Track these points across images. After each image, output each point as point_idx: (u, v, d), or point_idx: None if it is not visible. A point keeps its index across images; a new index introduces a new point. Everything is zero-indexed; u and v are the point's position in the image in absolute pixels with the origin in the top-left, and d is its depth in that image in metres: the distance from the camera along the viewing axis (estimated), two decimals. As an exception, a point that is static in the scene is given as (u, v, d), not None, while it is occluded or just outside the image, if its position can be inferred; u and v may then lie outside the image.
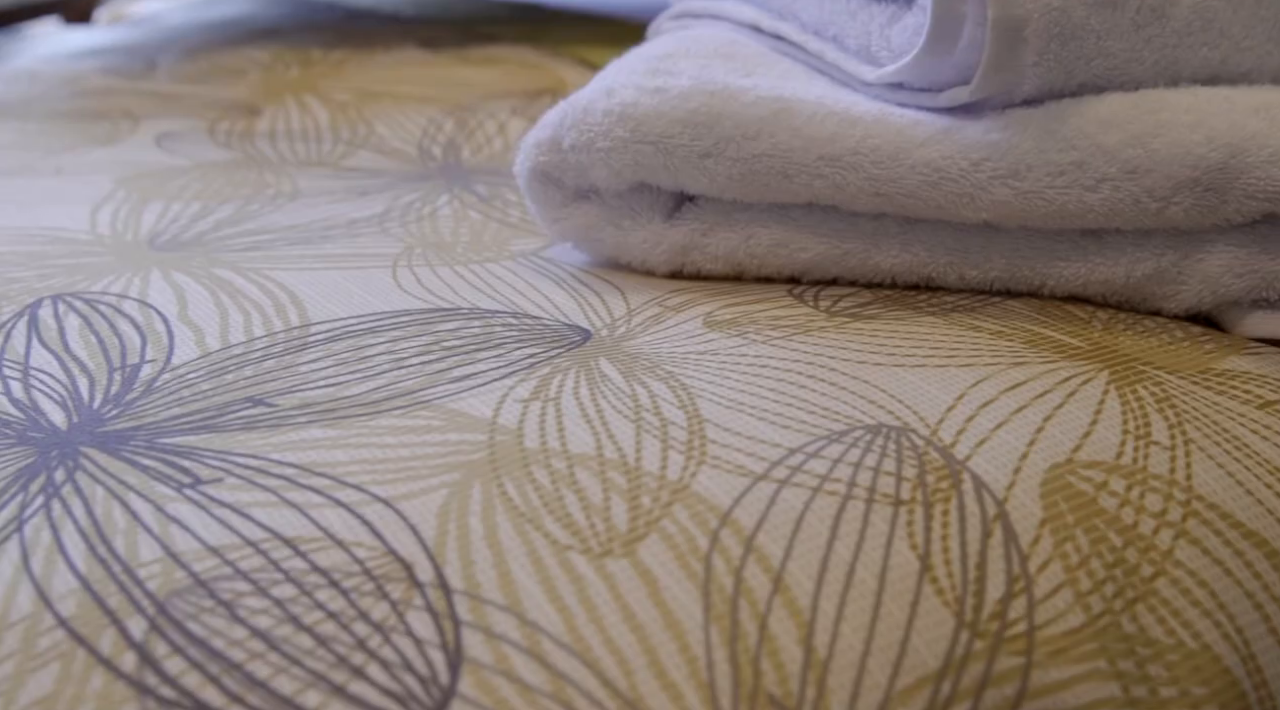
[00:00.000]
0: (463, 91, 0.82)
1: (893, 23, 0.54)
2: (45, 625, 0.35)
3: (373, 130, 0.77)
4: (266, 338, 0.49)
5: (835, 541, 0.37)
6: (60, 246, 0.59)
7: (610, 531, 0.37)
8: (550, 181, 0.56)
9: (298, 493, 0.39)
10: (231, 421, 0.43)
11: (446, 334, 0.49)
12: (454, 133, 0.76)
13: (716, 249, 0.54)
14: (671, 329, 0.49)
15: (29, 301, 0.53)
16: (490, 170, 0.70)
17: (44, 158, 0.72)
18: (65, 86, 0.86)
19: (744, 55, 0.59)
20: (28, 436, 0.43)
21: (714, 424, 0.42)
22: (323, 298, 0.52)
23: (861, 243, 0.53)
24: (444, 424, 0.42)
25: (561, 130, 0.55)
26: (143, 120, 0.78)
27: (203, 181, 0.67)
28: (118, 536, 0.37)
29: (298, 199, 0.65)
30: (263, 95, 0.83)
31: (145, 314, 0.51)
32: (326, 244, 0.59)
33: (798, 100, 0.52)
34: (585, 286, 0.54)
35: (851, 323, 0.49)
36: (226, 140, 0.75)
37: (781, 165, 0.52)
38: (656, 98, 0.53)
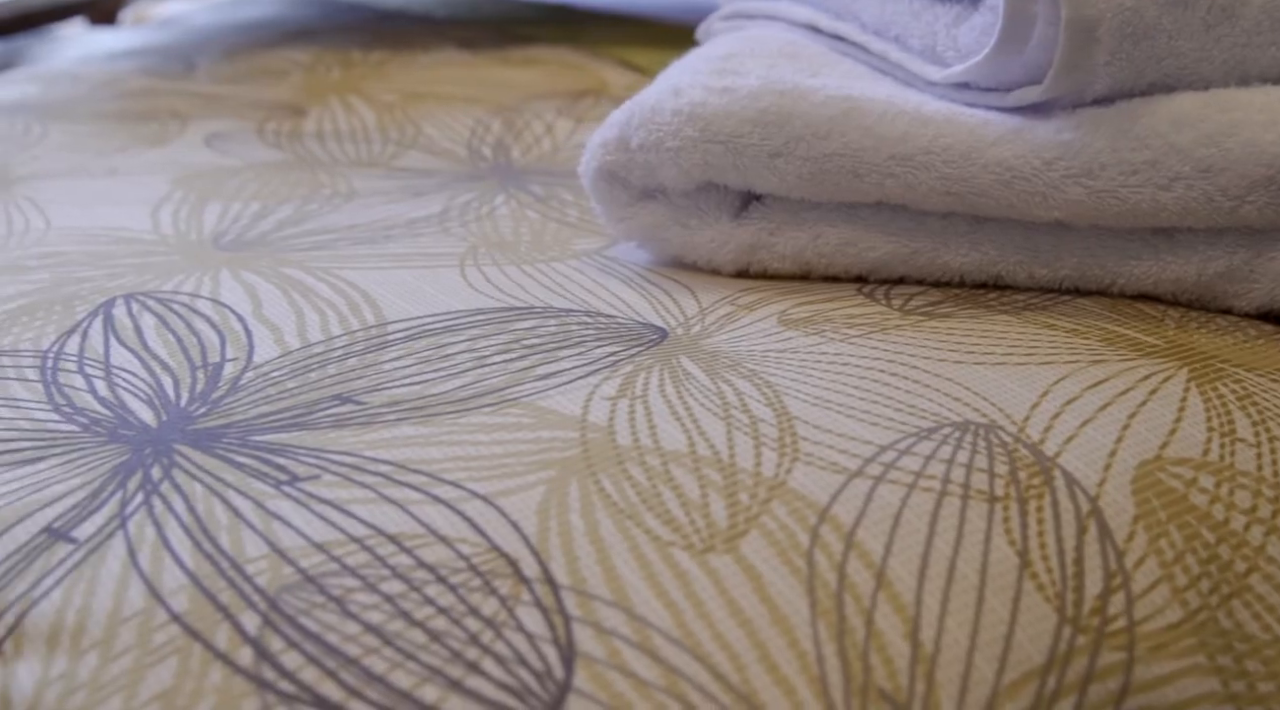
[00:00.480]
0: (506, 92, 0.82)
1: (959, 23, 0.55)
2: (159, 620, 0.35)
3: (421, 131, 0.77)
4: (345, 336, 0.49)
5: (934, 537, 0.38)
6: (126, 246, 0.59)
7: (711, 528, 0.38)
8: (616, 181, 0.56)
9: (396, 490, 0.39)
10: (321, 419, 0.43)
11: (525, 332, 0.49)
12: (502, 133, 0.76)
13: (784, 248, 0.55)
14: (747, 327, 0.50)
15: (101, 301, 0.53)
16: (542, 170, 0.70)
17: (96, 159, 0.72)
18: (107, 88, 0.86)
19: (807, 55, 0.59)
20: (119, 434, 0.43)
21: (803, 421, 0.42)
22: (396, 296, 0.52)
23: (930, 242, 0.53)
24: (534, 421, 0.42)
25: (629, 130, 0.55)
26: (190, 121, 0.78)
27: (258, 182, 0.68)
28: (222, 533, 0.38)
29: (354, 199, 0.65)
30: (306, 96, 0.83)
31: (220, 313, 0.51)
32: (390, 243, 0.59)
33: (867, 99, 0.53)
34: (654, 285, 0.54)
35: (927, 321, 0.49)
36: (276, 141, 0.75)
37: (852, 164, 0.52)
38: (725, 97, 0.54)
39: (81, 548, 0.38)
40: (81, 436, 0.43)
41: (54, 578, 0.37)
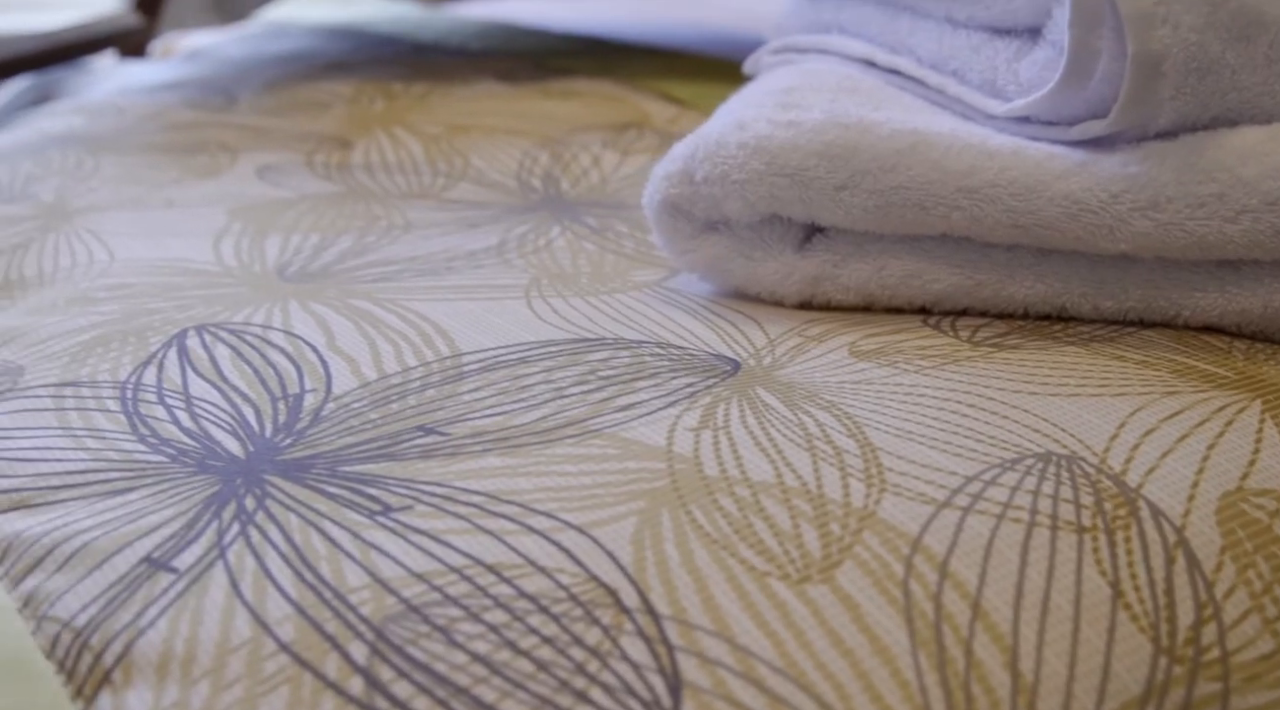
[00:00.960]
0: (550, 124, 0.83)
1: (1019, 57, 0.55)
2: (268, 650, 0.35)
3: (469, 163, 0.77)
4: (421, 368, 0.49)
5: (1027, 568, 0.38)
6: (191, 278, 0.59)
7: (805, 558, 0.38)
8: (680, 213, 0.57)
9: (490, 520, 0.39)
10: (407, 450, 0.44)
11: (599, 364, 0.49)
12: (550, 165, 0.77)
13: (848, 280, 0.55)
14: (818, 359, 0.50)
15: (174, 332, 0.53)
16: (593, 202, 0.71)
17: (151, 191, 0.72)
18: (152, 120, 0.87)
19: (867, 89, 0.60)
20: (208, 465, 0.44)
21: (886, 452, 0.42)
22: (467, 328, 0.53)
23: (995, 274, 0.54)
24: (620, 452, 0.43)
25: (693, 163, 0.56)
26: (240, 153, 0.79)
27: (314, 214, 0.68)
28: (321, 563, 0.38)
29: (411, 231, 0.66)
30: (351, 128, 0.84)
31: (294, 344, 0.52)
32: (453, 275, 0.59)
33: (932, 133, 0.53)
34: (719, 317, 0.55)
35: (997, 353, 0.50)
36: (326, 173, 0.76)
37: (919, 197, 0.53)
38: (791, 131, 0.54)
39: (183, 577, 0.38)
40: (170, 467, 0.44)
41: (158, 607, 0.37)
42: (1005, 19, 0.56)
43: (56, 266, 0.62)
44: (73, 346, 0.53)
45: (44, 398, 0.49)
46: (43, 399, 0.49)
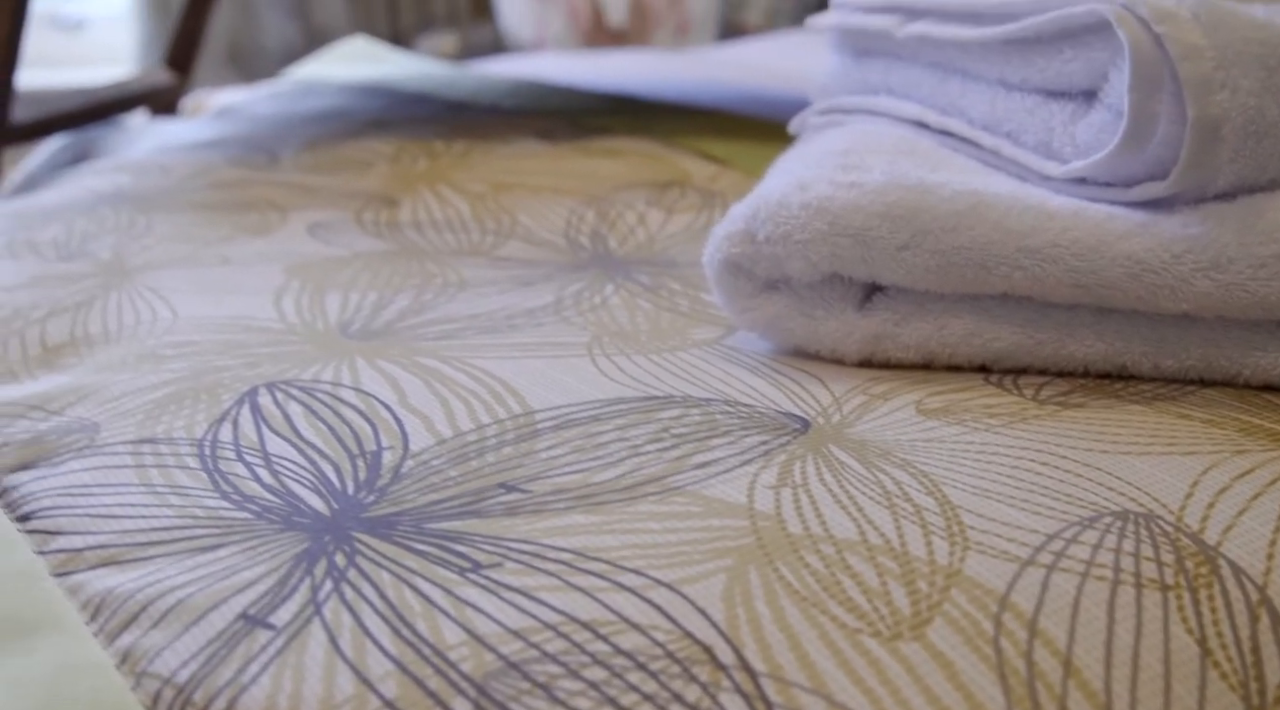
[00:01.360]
0: (593, 183, 0.84)
1: (1075, 120, 0.56)
2: (372, 706, 0.36)
3: (516, 221, 0.78)
4: (495, 425, 0.50)
5: (1115, 625, 0.39)
6: (256, 335, 0.60)
7: (895, 615, 0.39)
8: (741, 273, 0.58)
9: (580, 577, 0.40)
10: (492, 507, 0.44)
11: (671, 421, 0.50)
12: (596, 223, 0.78)
13: (909, 338, 0.56)
14: (886, 417, 0.51)
15: (245, 389, 0.54)
16: (643, 260, 0.72)
17: (205, 248, 0.73)
18: (198, 178, 0.88)
19: (923, 151, 0.61)
20: (294, 522, 0.44)
21: (966, 510, 0.43)
22: (536, 385, 0.53)
23: (1055, 333, 0.55)
24: (702, 510, 0.43)
25: (755, 223, 0.57)
26: (289, 211, 0.80)
27: (370, 271, 0.69)
28: (418, 620, 0.39)
29: (467, 289, 0.67)
30: (395, 186, 0.85)
31: (366, 402, 0.52)
32: (515, 333, 0.60)
33: (992, 194, 0.54)
34: (782, 375, 0.55)
35: (1063, 410, 0.51)
36: (376, 230, 0.77)
37: (980, 257, 0.53)
38: (852, 192, 0.55)
39: (281, 634, 0.38)
40: (257, 524, 0.44)
41: (259, 664, 0.38)
42: (1060, 82, 0.57)
43: (121, 324, 0.62)
44: (146, 404, 0.54)
45: (123, 454, 0.50)
46: (121, 455, 0.50)
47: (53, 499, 0.48)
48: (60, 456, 0.50)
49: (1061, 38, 0.57)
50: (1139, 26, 0.52)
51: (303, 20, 2.79)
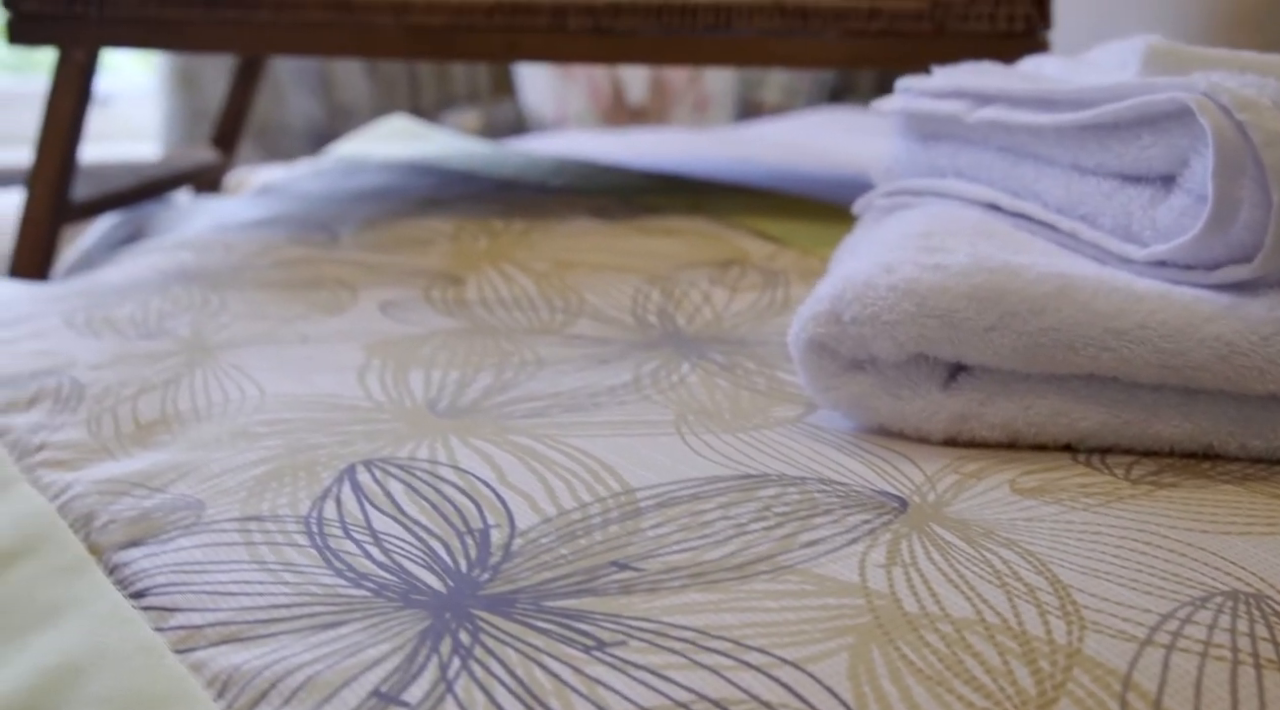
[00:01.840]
0: (654, 261, 0.85)
1: (1155, 204, 0.58)
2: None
3: (584, 299, 0.80)
4: (597, 503, 0.51)
5: (1239, 706, 0.39)
6: (345, 413, 0.61)
7: (1021, 695, 0.39)
8: (826, 352, 0.59)
9: (706, 655, 0.41)
10: (607, 585, 0.45)
11: (771, 500, 0.51)
12: (663, 302, 0.79)
13: (994, 418, 0.57)
14: (981, 496, 0.51)
15: (342, 467, 0.55)
16: (713, 338, 0.73)
17: (282, 326, 0.74)
18: (263, 257, 0.89)
19: (1002, 234, 0.62)
20: (412, 599, 0.45)
21: (1077, 589, 0.44)
22: (631, 463, 0.54)
23: (1141, 413, 0.55)
24: (816, 588, 0.44)
25: (841, 304, 0.58)
26: (358, 289, 0.81)
27: (447, 349, 0.70)
28: (550, 698, 0.39)
29: (545, 367, 0.68)
30: (458, 264, 0.86)
31: (465, 480, 0.53)
32: (600, 411, 0.61)
33: (1078, 276, 0.55)
34: (870, 453, 0.56)
35: (1157, 490, 0.51)
36: (446, 308, 0.78)
37: (1068, 339, 0.54)
38: (938, 274, 0.56)
39: (416, 712, 0.39)
40: (375, 601, 0.45)
41: (398, 741, 0.38)
42: (1138, 167, 0.58)
43: (210, 401, 0.63)
44: (247, 481, 0.54)
45: (231, 531, 0.50)
46: (230, 533, 0.50)
47: (166, 576, 0.48)
48: (168, 533, 0.51)
49: (1140, 124, 0.58)
50: (1221, 114, 0.53)
51: (326, 98, 2.82)
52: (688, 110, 2.71)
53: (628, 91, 2.71)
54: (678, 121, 2.66)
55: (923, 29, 0.92)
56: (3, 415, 0.63)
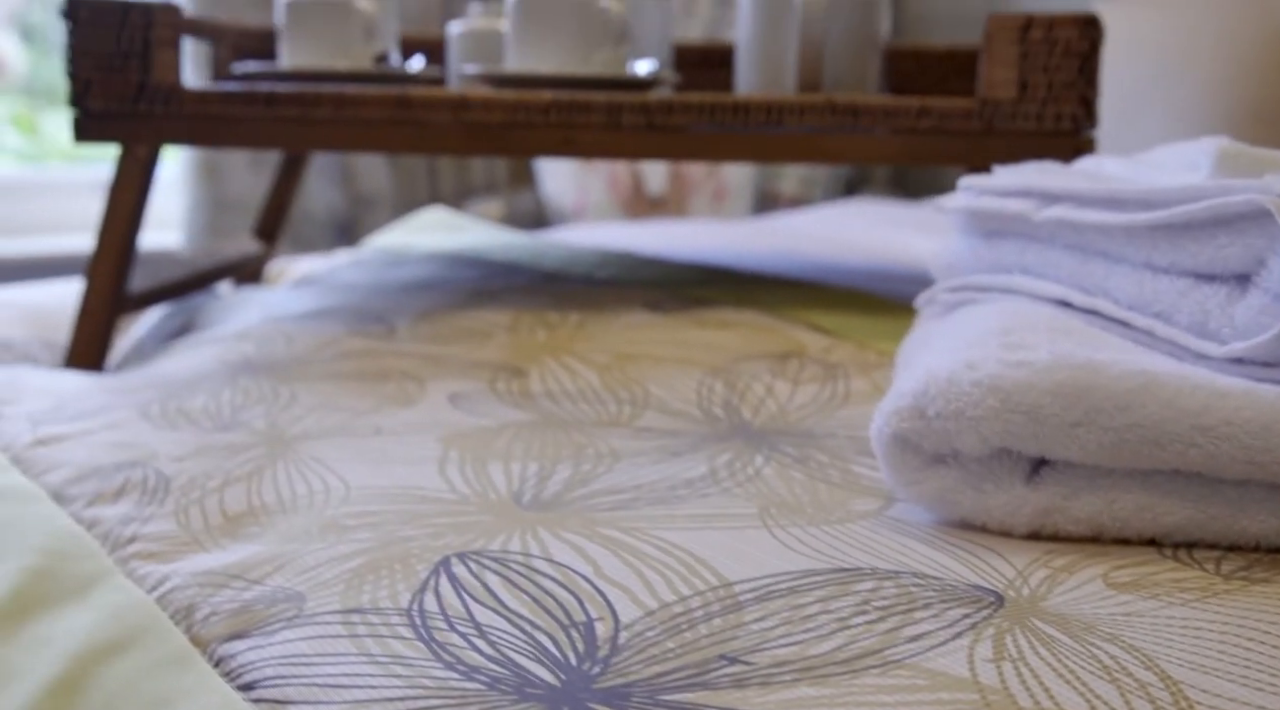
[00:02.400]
0: (713, 354, 0.87)
1: (1231, 302, 0.59)
2: None
3: (649, 392, 0.81)
4: (697, 597, 0.51)
5: (1362, 801, 0.39)
6: (431, 505, 0.62)
7: (1146, 790, 0.39)
8: (909, 446, 0.60)
9: (828, 750, 0.41)
10: (718, 679, 0.45)
11: (869, 594, 0.51)
12: (726, 394, 0.80)
13: (1079, 512, 0.57)
14: (1076, 590, 0.52)
15: (436, 560, 0.55)
16: (780, 431, 0.74)
17: (356, 419, 0.75)
18: (325, 349, 0.90)
19: (1078, 330, 0.63)
20: (527, 692, 0.45)
21: (1190, 685, 0.44)
22: (724, 557, 0.55)
23: (1227, 508, 0.56)
24: (929, 683, 0.44)
25: (925, 400, 0.59)
26: (425, 381, 0.82)
27: (522, 442, 0.71)
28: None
29: (620, 460, 0.69)
30: (519, 356, 0.87)
31: (562, 573, 0.54)
32: (683, 504, 0.62)
33: (1161, 372, 0.56)
34: (957, 547, 0.57)
35: (1251, 586, 0.52)
36: (514, 400, 0.79)
37: (1154, 435, 0.55)
38: (1022, 370, 0.57)
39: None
40: (490, 695, 0.45)
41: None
42: (1213, 267, 0.60)
43: (294, 493, 0.64)
44: (344, 573, 0.55)
45: (334, 624, 0.51)
46: (334, 625, 0.51)
47: (275, 669, 0.49)
48: (271, 625, 0.52)
49: (1215, 225, 0.59)
50: (1299, 216, 0.55)
51: (347, 188, 2.86)
52: (706, 200, 2.74)
53: (647, 182, 2.74)
54: (696, 211, 2.69)
55: (971, 127, 0.94)
56: (91, 507, 0.64)
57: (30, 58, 2.77)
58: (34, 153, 2.81)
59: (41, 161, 2.80)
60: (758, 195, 2.76)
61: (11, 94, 2.74)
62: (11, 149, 2.76)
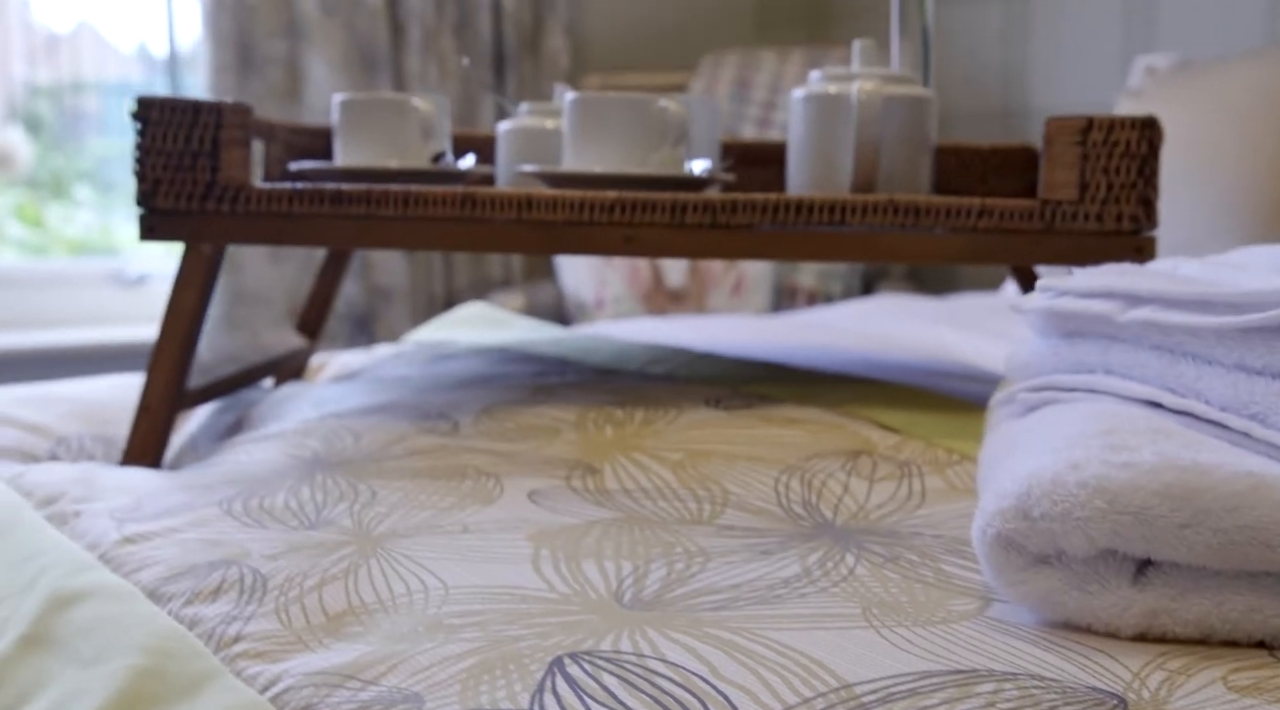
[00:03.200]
0: (783, 451, 0.87)
1: (1329, 404, 0.59)
2: None
3: (726, 490, 0.81)
4: (820, 699, 0.51)
5: None
6: (534, 604, 0.62)
7: None
8: (1013, 547, 0.60)
9: None
10: (859, 784, 0.45)
11: (991, 695, 0.51)
12: (804, 493, 0.80)
13: (1187, 613, 0.58)
14: (1197, 694, 0.52)
15: (548, 660, 0.55)
16: (864, 530, 0.74)
17: (440, 516, 0.75)
18: (394, 445, 0.90)
19: (1176, 432, 0.63)
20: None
21: (1333, 790, 0.44)
22: (839, 658, 0.55)
23: (1338, 610, 0.56)
24: (1072, 788, 0.44)
25: (1029, 501, 0.59)
26: (501, 478, 0.83)
27: (610, 540, 0.71)
28: None
29: (712, 559, 0.69)
30: (590, 453, 0.88)
31: (679, 674, 0.54)
32: (783, 604, 0.62)
33: (1270, 474, 0.57)
34: (1067, 649, 0.57)
35: (1373, 688, 0.52)
36: (593, 498, 0.79)
37: (1265, 537, 0.56)
38: (1128, 472, 0.58)
39: None
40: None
41: None
42: (1310, 368, 0.60)
43: (392, 592, 0.64)
44: (458, 674, 0.55)
45: (458, 726, 0.51)
46: (457, 728, 0.51)
47: (404, 771, 0.49)
48: (394, 728, 0.51)
49: (1312, 327, 0.60)
50: (1402, 319, 0.56)
51: (366, 281, 2.88)
52: (725, 294, 2.76)
53: (667, 275, 2.76)
54: (715, 304, 2.71)
55: (1032, 227, 0.95)
56: (190, 606, 0.64)
57: (35, 149, 2.80)
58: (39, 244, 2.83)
59: (46, 253, 2.82)
60: (776, 289, 2.78)
61: (16, 186, 2.77)
62: (15, 240, 2.78)
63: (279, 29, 2.73)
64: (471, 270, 3.05)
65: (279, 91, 2.74)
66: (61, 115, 2.90)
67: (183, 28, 2.80)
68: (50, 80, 2.85)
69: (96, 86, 2.94)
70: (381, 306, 2.91)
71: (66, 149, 2.89)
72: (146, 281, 2.82)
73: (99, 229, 2.95)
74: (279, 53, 2.74)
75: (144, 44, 2.95)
